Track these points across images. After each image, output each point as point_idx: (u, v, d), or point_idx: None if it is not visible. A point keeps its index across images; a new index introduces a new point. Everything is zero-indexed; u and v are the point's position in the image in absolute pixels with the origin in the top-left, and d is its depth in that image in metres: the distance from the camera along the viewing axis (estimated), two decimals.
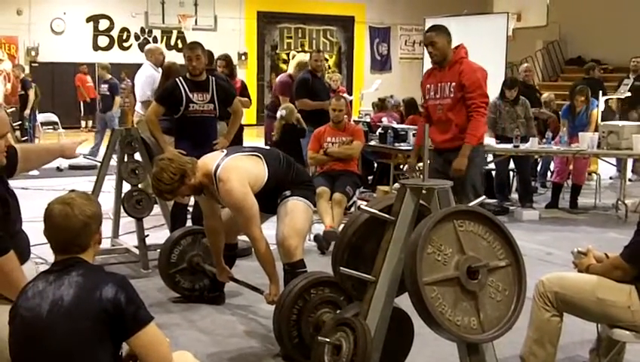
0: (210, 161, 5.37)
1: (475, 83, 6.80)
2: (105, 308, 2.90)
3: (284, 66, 22.12)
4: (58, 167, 14.39)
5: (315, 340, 4.29)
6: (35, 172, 14.21)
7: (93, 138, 15.88)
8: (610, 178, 13.61)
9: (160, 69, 10.13)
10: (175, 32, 26.23)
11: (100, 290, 2.92)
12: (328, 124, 9.11)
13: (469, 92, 6.78)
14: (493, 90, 12.05)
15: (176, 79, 7.45)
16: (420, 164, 7.33)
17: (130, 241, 7.87)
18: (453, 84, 6.85)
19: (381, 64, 30.15)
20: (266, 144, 10.56)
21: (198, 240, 6.40)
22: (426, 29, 7.12)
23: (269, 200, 5.45)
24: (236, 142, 8.16)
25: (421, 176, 3.94)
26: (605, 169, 11.66)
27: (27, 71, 21.30)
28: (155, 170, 5.24)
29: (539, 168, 12.96)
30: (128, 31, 25.93)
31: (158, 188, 5.22)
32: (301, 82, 10.35)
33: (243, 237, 6.30)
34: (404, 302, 3.82)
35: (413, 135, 9.91)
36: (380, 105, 13.68)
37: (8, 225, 3.52)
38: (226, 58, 10.59)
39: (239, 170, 5.30)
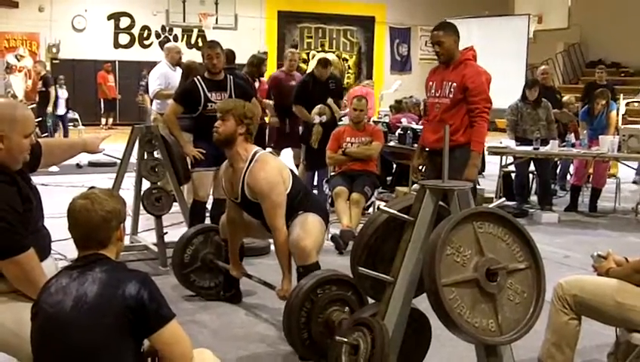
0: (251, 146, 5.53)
1: (479, 87, 6.66)
2: (128, 304, 2.92)
3: (303, 66, 22.20)
4: (78, 164, 14.45)
5: (327, 338, 4.34)
6: (54, 168, 14.26)
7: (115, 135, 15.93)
8: (635, 182, 13.54)
9: (176, 68, 10.17)
10: (196, 31, 26.33)
11: (123, 287, 2.94)
12: (348, 124, 9.10)
13: (473, 95, 6.64)
14: (514, 92, 12.06)
15: (195, 78, 7.46)
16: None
17: (148, 239, 7.89)
18: (454, 84, 6.69)
19: (401, 65, 30.15)
20: (269, 143, 10.45)
21: (210, 238, 6.42)
22: (434, 26, 6.98)
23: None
24: (258, 142, 8.16)
25: (422, 178, 3.94)
26: (625, 173, 11.59)
27: (48, 67, 21.41)
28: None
29: (558, 171, 12.90)
30: (149, 29, 26.05)
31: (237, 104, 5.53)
32: (300, 87, 10.30)
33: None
34: (422, 303, 3.81)
35: None
36: (397, 108, 13.67)
37: (30, 221, 3.54)
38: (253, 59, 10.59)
39: (277, 161, 5.53)
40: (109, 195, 3.13)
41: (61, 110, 18.58)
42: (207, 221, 7.40)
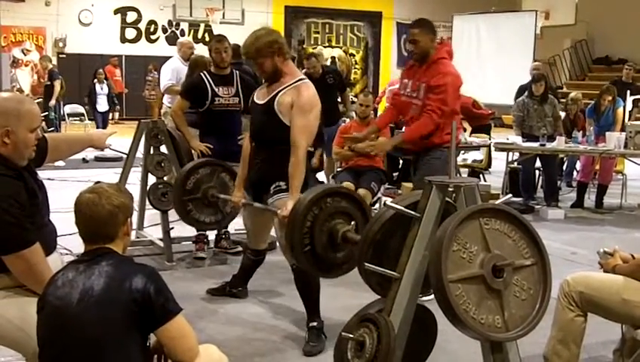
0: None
1: (439, 87, 6.30)
2: (134, 298, 2.92)
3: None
4: (84, 159, 14.47)
5: (328, 251, 4.42)
6: (60, 163, 14.30)
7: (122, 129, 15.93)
8: None
9: (187, 63, 10.17)
10: (202, 26, 26.32)
11: (129, 281, 2.95)
12: (354, 119, 9.09)
13: (431, 93, 6.31)
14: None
15: (201, 73, 7.44)
16: None
17: (154, 234, 7.91)
18: (424, 85, 6.42)
19: (408, 60, 30.14)
20: None
21: (217, 173, 6.42)
22: (411, 22, 6.75)
23: (268, 173, 5.41)
24: None
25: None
26: (632, 169, 11.58)
27: (54, 62, 21.43)
28: (263, 29, 5.56)
29: (564, 167, 12.90)
30: (156, 24, 26.05)
31: (254, 42, 5.39)
32: None
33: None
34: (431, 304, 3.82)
35: None
36: None
37: (36, 216, 3.55)
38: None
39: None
40: (116, 190, 3.14)
41: (102, 107, 18.46)
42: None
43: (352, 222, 4.51)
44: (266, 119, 5.38)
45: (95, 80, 17.68)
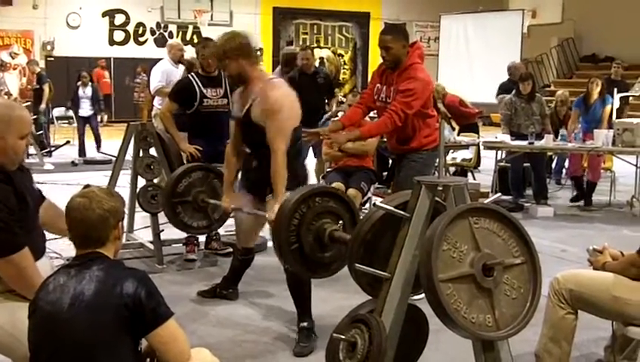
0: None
1: (406, 91, 6.20)
2: (125, 303, 2.92)
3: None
4: (73, 162, 14.45)
5: (315, 251, 4.39)
6: (49, 166, 14.32)
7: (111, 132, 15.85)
8: None
9: (178, 65, 10.16)
10: (191, 27, 26.32)
11: (120, 285, 2.94)
12: None
13: (399, 96, 6.22)
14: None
15: (189, 75, 7.45)
16: None
17: (145, 236, 7.90)
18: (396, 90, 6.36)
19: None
20: None
21: (210, 178, 6.41)
22: (382, 29, 6.75)
23: (263, 177, 5.40)
24: None
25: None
26: (621, 166, 11.61)
27: (42, 65, 21.36)
28: (232, 32, 5.64)
29: (553, 165, 12.93)
30: (144, 26, 26.02)
31: (222, 44, 5.47)
32: (287, 82, 10.29)
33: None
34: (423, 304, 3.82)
35: None
36: None
37: (25, 221, 3.54)
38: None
39: (293, 95, 5.51)
40: (107, 193, 3.14)
41: (85, 111, 16.72)
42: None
43: (340, 222, 4.51)
44: (249, 128, 5.47)
45: (79, 82, 17.06)
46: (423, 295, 3.49)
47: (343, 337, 3.84)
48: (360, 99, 6.91)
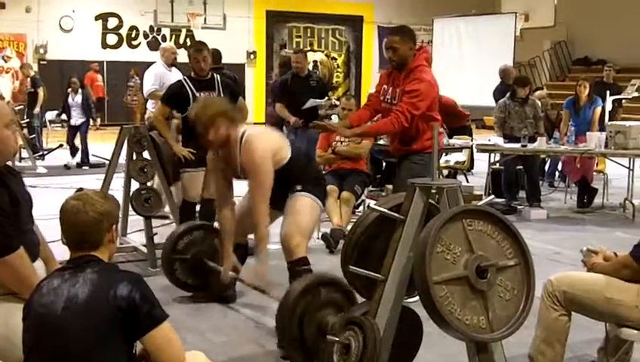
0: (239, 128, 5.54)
1: (413, 92, 6.24)
2: (119, 305, 2.91)
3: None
4: (66, 165, 14.41)
5: (320, 340, 4.29)
6: (42, 170, 14.30)
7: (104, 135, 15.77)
8: None
9: (172, 68, 10.15)
10: (184, 31, 26.27)
11: (114, 288, 2.93)
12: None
13: (405, 97, 6.25)
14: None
15: (182, 79, 7.45)
16: None
17: (138, 240, 7.89)
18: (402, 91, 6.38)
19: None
20: None
21: (211, 238, 6.34)
22: (390, 30, 6.74)
23: (281, 189, 5.44)
24: None
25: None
26: (613, 169, 11.63)
27: (35, 68, 21.33)
28: (208, 98, 5.83)
29: (546, 168, 12.96)
30: (137, 29, 25.97)
31: (200, 114, 5.45)
32: (280, 84, 10.41)
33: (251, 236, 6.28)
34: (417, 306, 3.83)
35: None
36: None
37: (19, 222, 3.54)
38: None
39: (267, 136, 5.60)
40: (101, 196, 3.13)
41: (75, 120, 15.78)
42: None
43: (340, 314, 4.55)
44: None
45: (69, 89, 16.36)
46: (417, 297, 3.50)
47: (337, 339, 3.84)
48: (367, 101, 6.94)
